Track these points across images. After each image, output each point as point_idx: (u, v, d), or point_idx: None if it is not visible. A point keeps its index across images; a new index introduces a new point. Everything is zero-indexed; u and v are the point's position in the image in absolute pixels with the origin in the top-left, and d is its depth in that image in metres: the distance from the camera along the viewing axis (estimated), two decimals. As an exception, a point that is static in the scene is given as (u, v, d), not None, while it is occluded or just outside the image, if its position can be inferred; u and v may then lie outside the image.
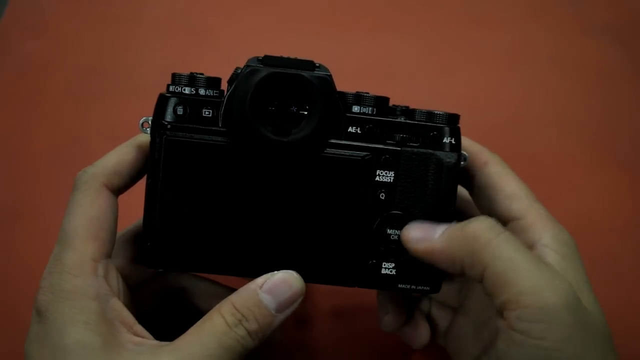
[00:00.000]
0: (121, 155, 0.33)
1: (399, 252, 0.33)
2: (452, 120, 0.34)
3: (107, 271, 0.31)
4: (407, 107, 0.35)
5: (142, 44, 0.60)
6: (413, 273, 0.34)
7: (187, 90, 0.32)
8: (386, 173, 0.33)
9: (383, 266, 0.34)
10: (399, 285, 0.34)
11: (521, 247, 0.29)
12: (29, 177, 0.51)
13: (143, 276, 0.36)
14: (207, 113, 0.32)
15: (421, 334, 0.39)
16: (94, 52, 0.59)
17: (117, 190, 0.33)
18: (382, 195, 0.33)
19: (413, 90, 0.56)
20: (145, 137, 0.33)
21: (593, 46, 0.60)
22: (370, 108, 0.33)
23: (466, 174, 0.37)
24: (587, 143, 0.54)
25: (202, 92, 0.32)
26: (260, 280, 0.31)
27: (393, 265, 0.34)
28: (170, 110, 0.32)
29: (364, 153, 0.33)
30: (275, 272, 0.31)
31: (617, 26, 0.62)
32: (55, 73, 0.57)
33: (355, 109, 0.33)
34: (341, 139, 0.33)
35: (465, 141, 0.36)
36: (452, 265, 0.31)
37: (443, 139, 0.33)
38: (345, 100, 0.33)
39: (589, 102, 0.57)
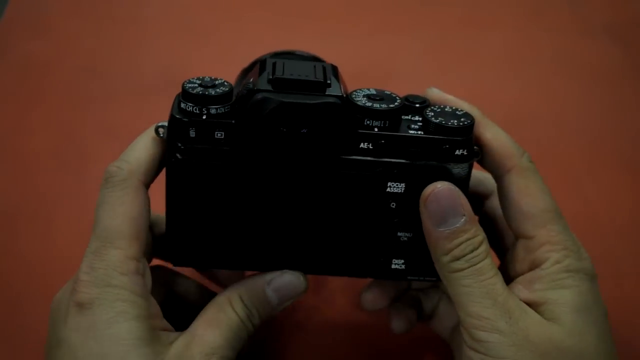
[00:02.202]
0: (149, 150, 0.33)
1: (409, 251, 0.35)
2: (465, 131, 0.33)
3: (145, 270, 0.32)
4: (424, 105, 0.34)
5: (142, 44, 0.60)
6: (421, 267, 0.35)
7: (197, 110, 0.32)
8: (397, 184, 0.33)
9: (393, 262, 0.35)
10: (408, 277, 0.36)
11: (485, 278, 0.31)
12: (29, 177, 0.51)
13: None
14: (219, 135, 0.32)
15: (402, 318, 0.40)
16: (94, 52, 0.59)
17: (148, 186, 0.34)
18: (393, 205, 0.34)
19: (413, 90, 0.56)
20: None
21: (593, 46, 0.60)
22: (381, 122, 0.33)
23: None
24: (587, 143, 0.54)
25: (213, 111, 0.32)
26: (268, 277, 0.34)
27: (402, 261, 0.35)
28: (182, 133, 0.32)
29: (376, 168, 0.33)
30: (285, 271, 0.34)
31: (617, 26, 0.62)
32: (55, 73, 0.57)
33: (367, 122, 0.33)
34: (353, 156, 0.33)
35: (496, 135, 0.35)
36: (430, 251, 0.33)
37: (455, 152, 0.33)
38: (357, 111, 0.33)
39: (588, 102, 0.57)
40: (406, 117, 0.34)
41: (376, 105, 0.32)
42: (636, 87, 0.58)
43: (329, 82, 0.32)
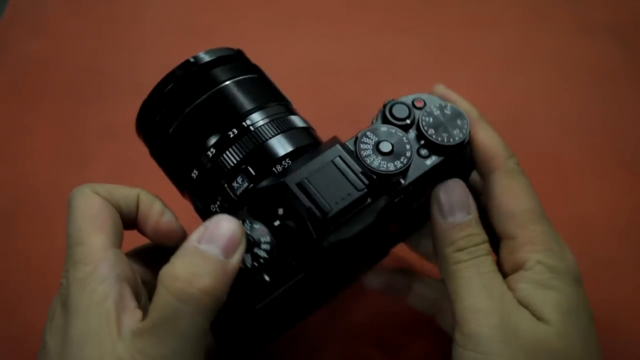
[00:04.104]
0: (121, 188, 0.34)
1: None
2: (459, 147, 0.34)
3: (118, 258, 0.31)
4: (409, 122, 0.34)
5: (142, 44, 0.60)
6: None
7: (250, 261, 0.30)
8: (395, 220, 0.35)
9: None
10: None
11: (484, 271, 0.32)
12: (28, 177, 0.51)
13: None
14: (267, 279, 0.31)
15: (380, 277, 0.42)
16: (94, 52, 0.59)
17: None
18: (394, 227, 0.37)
19: (413, 90, 0.56)
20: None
21: (593, 46, 0.60)
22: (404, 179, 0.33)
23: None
24: (587, 143, 0.54)
25: (262, 253, 0.30)
26: (194, 235, 0.29)
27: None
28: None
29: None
30: (206, 222, 0.30)
31: (617, 26, 0.62)
32: (55, 73, 0.57)
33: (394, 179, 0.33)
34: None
35: (487, 137, 0.35)
36: (434, 246, 0.34)
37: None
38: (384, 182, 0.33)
39: (589, 102, 0.57)
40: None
41: (395, 164, 0.32)
42: (636, 87, 0.58)
43: (364, 186, 0.31)
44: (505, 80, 0.58)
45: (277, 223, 0.30)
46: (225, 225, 0.29)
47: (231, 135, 0.33)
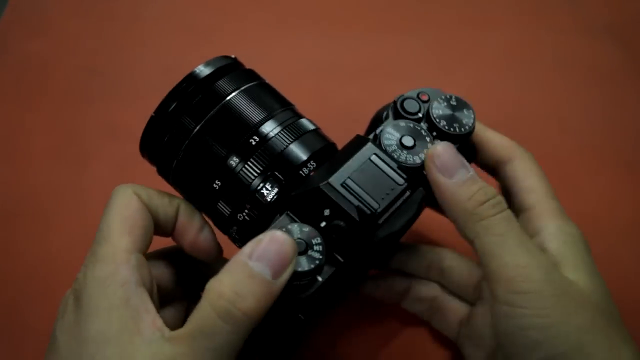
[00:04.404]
0: (163, 195, 0.34)
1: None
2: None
3: (141, 263, 0.31)
4: (420, 115, 0.36)
5: (142, 44, 0.60)
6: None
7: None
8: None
9: None
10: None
11: (515, 226, 0.32)
12: (29, 177, 0.51)
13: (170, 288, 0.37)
14: (320, 279, 0.31)
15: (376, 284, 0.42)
16: (94, 52, 0.59)
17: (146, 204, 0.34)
18: None
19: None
20: None
21: (593, 46, 0.60)
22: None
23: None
24: (587, 143, 0.54)
25: (317, 254, 0.30)
26: (247, 249, 0.28)
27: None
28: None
29: None
30: (260, 236, 0.29)
31: (617, 26, 0.62)
32: (55, 73, 0.57)
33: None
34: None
35: (496, 137, 0.37)
36: (447, 212, 0.33)
37: None
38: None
39: (588, 101, 0.57)
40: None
41: (414, 158, 0.33)
42: (636, 87, 0.58)
43: (404, 180, 0.32)
44: (505, 80, 0.58)
45: (323, 224, 0.31)
46: (279, 242, 0.28)
47: (252, 144, 0.33)
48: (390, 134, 0.33)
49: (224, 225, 0.35)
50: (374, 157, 0.32)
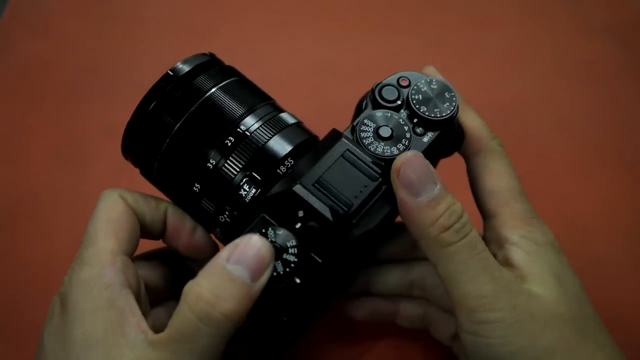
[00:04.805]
0: (150, 199, 0.34)
1: None
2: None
3: (126, 266, 0.31)
4: (399, 103, 0.34)
5: (142, 43, 0.60)
6: None
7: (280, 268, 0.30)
8: None
9: None
10: None
11: (479, 251, 0.30)
12: (29, 177, 0.51)
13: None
14: (298, 281, 0.31)
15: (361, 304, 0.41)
16: (94, 52, 0.59)
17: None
18: None
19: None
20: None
21: (593, 46, 0.60)
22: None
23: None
24: (587, 143, 0.54)
25: (291, 257, 0.30)
26: (224, 253, 0.28)
27: None
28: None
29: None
30: (236, 240, 0.29)
31: (617, 26, 0.62)
32: (55, 73, 0.57)
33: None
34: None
35: (470, 119, 0.35)
36: (411, 231, 0.31)
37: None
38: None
39: (588, 101, 0.57)
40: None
41: (392, 150, 0.32)
42: (636, 87, 0.58)
43: (378, 175, 0.31)
44: (505, 80, 0.58)
45: (298, 225, 0.30)
46: (255, 247, 0.28)
47: (229, 144, 0.33)
48: (367, 125, 0.32)
49: (208, 225, 0.35)
50: (346, 154, 0.31)
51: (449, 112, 0.33)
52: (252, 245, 0.28)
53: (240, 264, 0.28)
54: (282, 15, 0.62)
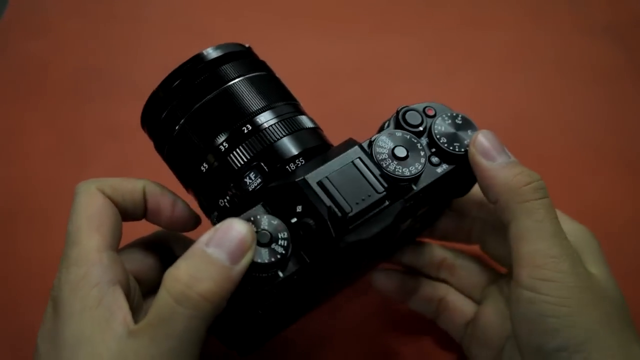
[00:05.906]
0: (127, 182, 0.34)
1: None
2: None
3: (112, 261, 0.31)
4: (422, 129, 0.34)
5: (142, 44, 0.60)
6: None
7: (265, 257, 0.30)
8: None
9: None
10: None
11: (553, 216, 0.32)
12: (29, 177, 0.51)
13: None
14: (281, 275, 0.31)
15: (389, 276, 0.42)
16: (94, 52, 0.59)
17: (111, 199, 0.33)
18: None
19: (413, 90, 0.56)
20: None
21: (593, 46, 0.60)
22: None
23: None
24: (588, 143, 0.54)
25: (279, 249, 0.30)
26: (204, 237, 0.28)
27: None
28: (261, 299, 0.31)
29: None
30: (217, 224, 0.29)
31: (617, 26, 0.62)
32: (55, 73, 0.57)
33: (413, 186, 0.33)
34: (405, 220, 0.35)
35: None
36: (489, 193, 0.33)
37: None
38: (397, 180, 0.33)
39: (589, 102, 0.57)
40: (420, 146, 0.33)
41: (403, 170, 0.32)
42: (637, 87, 0.58)
43: (384, 188, 0.31)
44: (505, 80, 0.58)
45: (294, 220, 0.30)
46: (236, 230, 0.28)
47: (245, 132, 0.33)
48: (384, 142, 0.32)
49: (207, 208, 0.35)
50: (357, 161, 0.31)
51: (467, 148, 0.34)
52: (232, 228, 0.28)
53: (219, 247, 0.28)
54: (282, 15, 0.62)
